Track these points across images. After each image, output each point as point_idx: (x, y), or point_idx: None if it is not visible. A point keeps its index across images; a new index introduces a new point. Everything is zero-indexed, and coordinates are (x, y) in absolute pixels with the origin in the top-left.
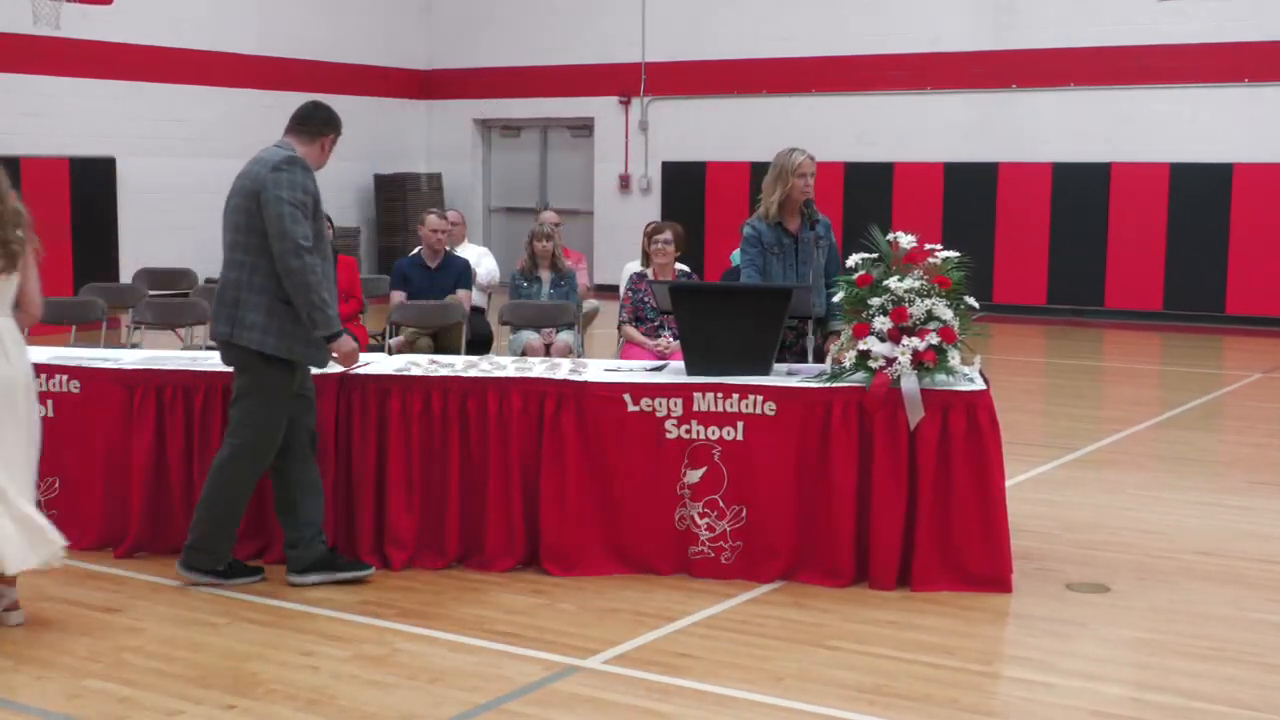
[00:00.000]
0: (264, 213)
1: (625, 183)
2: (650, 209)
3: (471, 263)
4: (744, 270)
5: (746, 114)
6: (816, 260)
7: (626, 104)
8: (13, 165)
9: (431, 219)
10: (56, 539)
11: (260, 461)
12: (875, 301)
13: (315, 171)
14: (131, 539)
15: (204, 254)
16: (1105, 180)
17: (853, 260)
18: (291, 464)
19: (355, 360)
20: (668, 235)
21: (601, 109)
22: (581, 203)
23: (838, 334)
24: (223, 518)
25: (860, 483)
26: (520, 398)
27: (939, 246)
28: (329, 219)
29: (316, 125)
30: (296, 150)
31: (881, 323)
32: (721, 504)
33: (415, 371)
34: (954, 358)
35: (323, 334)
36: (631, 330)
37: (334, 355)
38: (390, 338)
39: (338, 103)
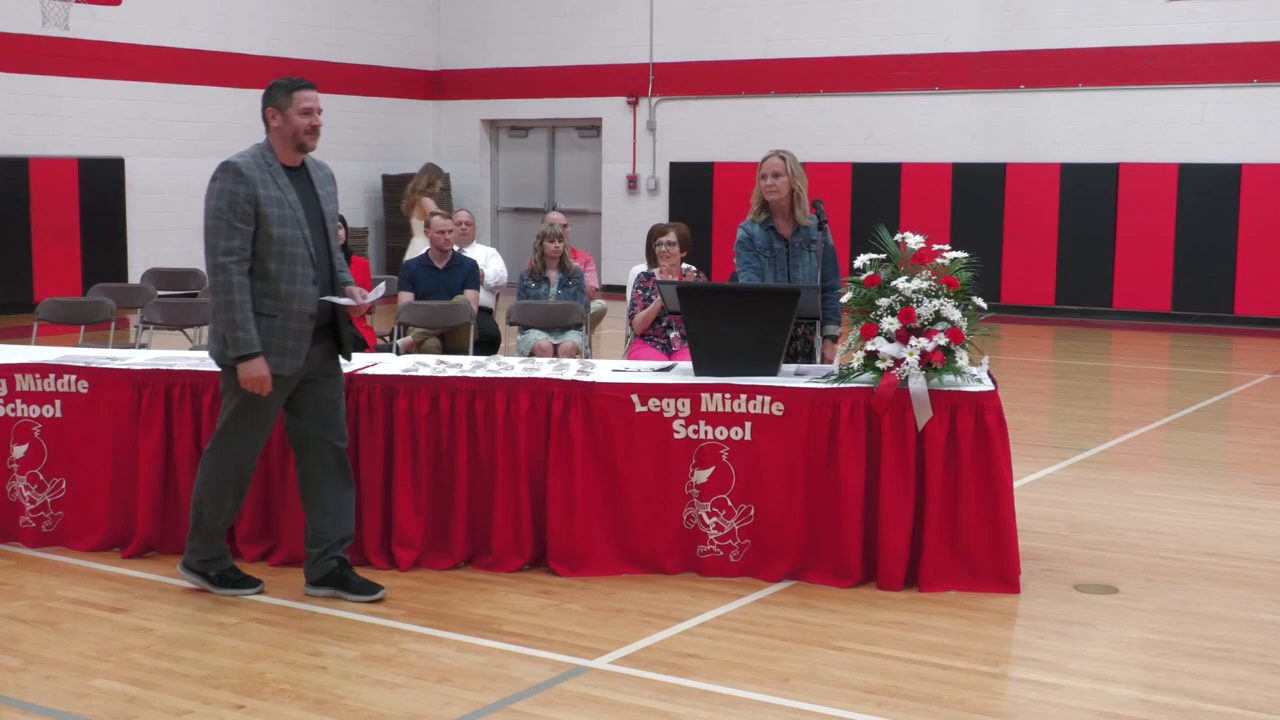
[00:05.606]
0: None
1: (633, 183)
2: (658, 210)
3: (479, 263)
4: (741, 274)
5: (754, 115)
6: (809, 264)
7: (634, 104)
8: (22, 166)
9: (437, 220)
10: None
11: (227, 462)
12: (883, 302)
13: (296, 138)
14: (139, 539)
15: None
16: (1114, 181)
17: (860, 261)
18: (309, 480)
19: (257, 389)
20: (672, 237)
21: (609, 109)
22: (589, 203)
23: (833, 338)
24: (202, 518)
25: (868, 483)
26: (528, 398)
27: (947, 247)
28: (342, 220)
29: (266, 100)
30: (266, 138)
31: (889, 323)
32: (730, 503)
33: (423, 372)
34: (962, 358)
35: (230, 355)
36: (642, 314)
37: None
38: (398, 338)
39: (346, 103)
